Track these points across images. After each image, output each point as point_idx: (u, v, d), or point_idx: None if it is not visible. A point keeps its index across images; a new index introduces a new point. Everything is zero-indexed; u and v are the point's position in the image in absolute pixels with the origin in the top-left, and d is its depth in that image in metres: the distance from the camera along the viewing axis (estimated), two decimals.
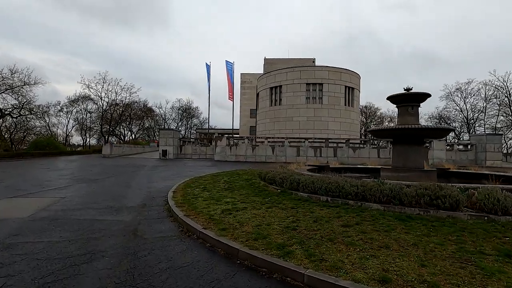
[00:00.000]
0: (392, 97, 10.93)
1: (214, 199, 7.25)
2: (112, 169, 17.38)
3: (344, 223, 5.01)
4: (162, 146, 29.46)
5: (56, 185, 10.49)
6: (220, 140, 27.34)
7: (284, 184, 7.84)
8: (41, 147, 31.96)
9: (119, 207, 7.20)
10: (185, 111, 74.80)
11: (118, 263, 3.91)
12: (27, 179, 12.20)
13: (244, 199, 7.18)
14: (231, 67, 34.27)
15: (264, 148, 26.79)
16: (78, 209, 6.91)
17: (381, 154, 25.96)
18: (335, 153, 26.24)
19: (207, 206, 6.48)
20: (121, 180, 12.37)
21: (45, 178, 12.39)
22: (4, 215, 6.30)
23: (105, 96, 45.50)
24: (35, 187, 9.93)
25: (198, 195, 7.86)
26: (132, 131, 58.21)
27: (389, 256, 3.66)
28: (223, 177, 11.70)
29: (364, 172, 12.76)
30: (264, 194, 7.66)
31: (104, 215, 6.42)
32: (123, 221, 6.01)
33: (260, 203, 6.66)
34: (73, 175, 14.00)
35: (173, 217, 6.18)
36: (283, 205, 6.40)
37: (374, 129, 11.47)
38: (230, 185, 9.47)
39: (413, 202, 5.49)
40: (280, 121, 37.78)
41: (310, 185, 7.06)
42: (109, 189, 9.82)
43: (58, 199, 8.04)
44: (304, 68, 37.62)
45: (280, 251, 3.92)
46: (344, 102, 36.95)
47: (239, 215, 5.65)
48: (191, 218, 5.60)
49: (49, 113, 41.84)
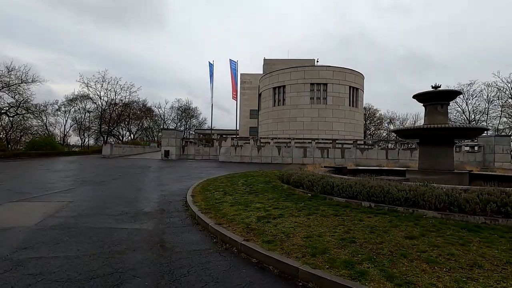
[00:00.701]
0: (419, 95, 10.34)
1: (241, 204, 6.56)
2: (116, 170, 16.60)
3: (406, 234, 4.36)
4: (164, 146, 28.66)
5: (60, 188, 9.72)
6: (225, 141, 26.63)
7: (315, 188, 7.18)
8: (38, 147, 30.96)
9: (135, 213, 6.49)
10: (184, 111, 74.01)
11: (155, 287, 3.22)
12: (28, 181, 11.40)
13: (274, 204, 6.50)
14: (235, 66, 33.54)
15: (270, 149, 26.12)
16: (90, 215, 6.19)
17: (389, 156, 25.43)
18: (342, 154, 25.67)
19: (237, 213, 5.80)
20: (128, 182, 11.62)
21: (47, 180, 11.60)
22: (9, 223, 5.56)
23: (105, 95, 44.59)
24: (38, 190, 9.16)
25: (222, 199, 7.17)
26: (131, 131, 57.20)
27: (489, 278, 3.01)
28: (239, 179, 11.01)
29: (385, 174, 12.15)
30: (295, 199, 6.99)
31: (121, 223, 5.71)
32: (144, 229, 5.31)
33: (295, 209, 5.99)
34: (75, 176, 13.21)
35: (201, 225, 5.48)
36: (323, 211, 5.73)
37: (400, 129, 10.83)
38: (252, 188, 8.77)
39: (477, 209, 4.86)
40: (283, 122, 37.16)
41: (347, 189, 6.41)
42: (118, 192, 9.08)
43: (66, 203, 7.30)
44: (308, 68, 37.08)
45: (350, 270, 3.26)
46: (349, 102, 36.45)
47: (279, 224, 4.98)
48: (224, 227, 4.91)
49: (47, 112, 40.81)
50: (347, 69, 36.95)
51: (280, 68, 40.25)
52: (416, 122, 67.39)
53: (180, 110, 72.41)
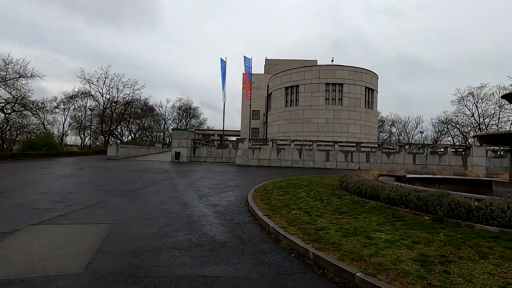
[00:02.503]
0: (509, 94, 8.81)
1: (357, 233, 4.83)
2: (135, 175, 14.71)
3: None
4: (175, 147, 26.75)
5: (86, 201, 7.89)
6: (242, 143, 24.87)
7: (437, 209, 5.52)
8: (37, 147, 28.72)
9: (209, 244, 4.75)
10: (185, 111, 72.11)
11: None
12: (40, 190, 9.48)
13: (401, 234, 4.80)
14: (249, 64, 31.70)
15: (290, 152, 24.45)
16: (151, 250, 4.43)
17: (417, 160, 23.99)
18: (367, 159, 24.13)
19: (368, 247, 4.11)
20: (161, 192, 9.81)
21: (63, 189, 9.71)
22: (43, 265, 3.76)
23: (107, 93, 42.23)
24: (59, 204, 7.31)
25: (316, 223, 5.46)
26: (132, 130, 54.80)
27: None
28: (297, 190, 9.30)
29: (451, 184, 10.59)
30: (410, 224, 5.31)
31: (203, 264, 3.97)
32: (247, 278, 3.59)
33: (448, 244, 4.31)
34: (94, 183, 11.34)
35: (331, 271, 3.76)
36: (493, 253, 4.06)
37: (487, 134, 9.24)
38: (338, 207, 6.99)
39: None
40: (296, 123, 35.54)
41: (499, 214, 4.75)
42: (162, 209, 7.28)
43: (108, 227, 5.50)
44: (323, 67, 35.55)
45: None
46: (365, 104, 35.05)
47: (465, 274, 3.30)
48: (385, 281, 3.21)
49: (46, 110, 38.31)
50: (363, 69, 35.58)
51: (282, 68, 38.84)
52: (418, 126, 66.83)
53: (181, 109, 70.53)
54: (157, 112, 62.59)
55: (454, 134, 60.06)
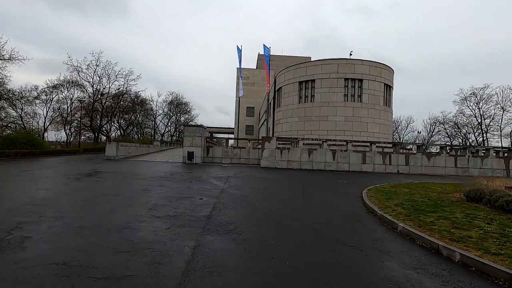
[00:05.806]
0: None
1: None
2: (172, 185, 11.29)
3: None
4: (187, 146, 23.27)
5: (170, 244, 4.67)
6: (269, 142, 21.84)
7: None
8: (18, 144, 24.16)
9: None
10: (177, 106, 67.89)
11: None
12: (82, 216, 6.06)
13: None
14: (268, 54, 28.53)
15: (323, 153, 21.75)
16: None
17: (459, 163, 22.08)
18: (407, 161, 21.92)
19: None
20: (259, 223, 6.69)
21: (120, 219, 6.31)
22: None
23: (99, 83, 37.35)
24: (142, 266, 4.07)
25: None
26: (121, 126, 49.73)
27: None
28: (437, 210, 6.51)
29: None
30: None
31: None
32: None
33: None
34: (153, 204, 7.95)
35: None
36: None
37: None
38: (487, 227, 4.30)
39: None
40: (312, 121, 32.92)
41: None
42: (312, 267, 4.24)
43: None
44: (342, 61, 33.04)
45: None
46: (383, 101, 33.07)
47: None
48: None
49: (26, 100, 32.88)
50: (382, 64, 33.59)
51: (276, 64, 36.26)
52: (410, 124, 66.45)
53: (172, 104, 66.23)
54: (149, 106, 57.92)
55: (450, 134, 60.24)
